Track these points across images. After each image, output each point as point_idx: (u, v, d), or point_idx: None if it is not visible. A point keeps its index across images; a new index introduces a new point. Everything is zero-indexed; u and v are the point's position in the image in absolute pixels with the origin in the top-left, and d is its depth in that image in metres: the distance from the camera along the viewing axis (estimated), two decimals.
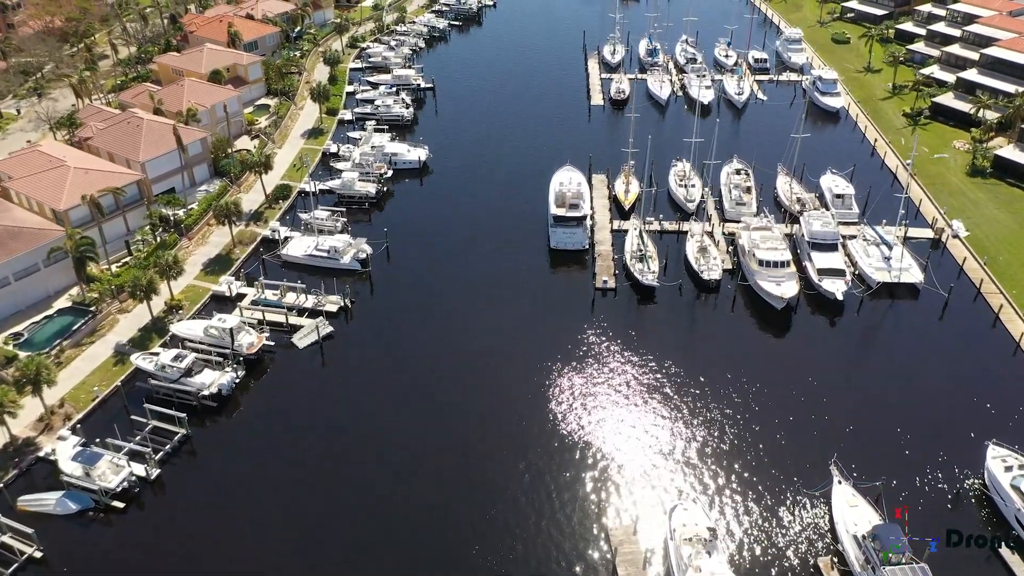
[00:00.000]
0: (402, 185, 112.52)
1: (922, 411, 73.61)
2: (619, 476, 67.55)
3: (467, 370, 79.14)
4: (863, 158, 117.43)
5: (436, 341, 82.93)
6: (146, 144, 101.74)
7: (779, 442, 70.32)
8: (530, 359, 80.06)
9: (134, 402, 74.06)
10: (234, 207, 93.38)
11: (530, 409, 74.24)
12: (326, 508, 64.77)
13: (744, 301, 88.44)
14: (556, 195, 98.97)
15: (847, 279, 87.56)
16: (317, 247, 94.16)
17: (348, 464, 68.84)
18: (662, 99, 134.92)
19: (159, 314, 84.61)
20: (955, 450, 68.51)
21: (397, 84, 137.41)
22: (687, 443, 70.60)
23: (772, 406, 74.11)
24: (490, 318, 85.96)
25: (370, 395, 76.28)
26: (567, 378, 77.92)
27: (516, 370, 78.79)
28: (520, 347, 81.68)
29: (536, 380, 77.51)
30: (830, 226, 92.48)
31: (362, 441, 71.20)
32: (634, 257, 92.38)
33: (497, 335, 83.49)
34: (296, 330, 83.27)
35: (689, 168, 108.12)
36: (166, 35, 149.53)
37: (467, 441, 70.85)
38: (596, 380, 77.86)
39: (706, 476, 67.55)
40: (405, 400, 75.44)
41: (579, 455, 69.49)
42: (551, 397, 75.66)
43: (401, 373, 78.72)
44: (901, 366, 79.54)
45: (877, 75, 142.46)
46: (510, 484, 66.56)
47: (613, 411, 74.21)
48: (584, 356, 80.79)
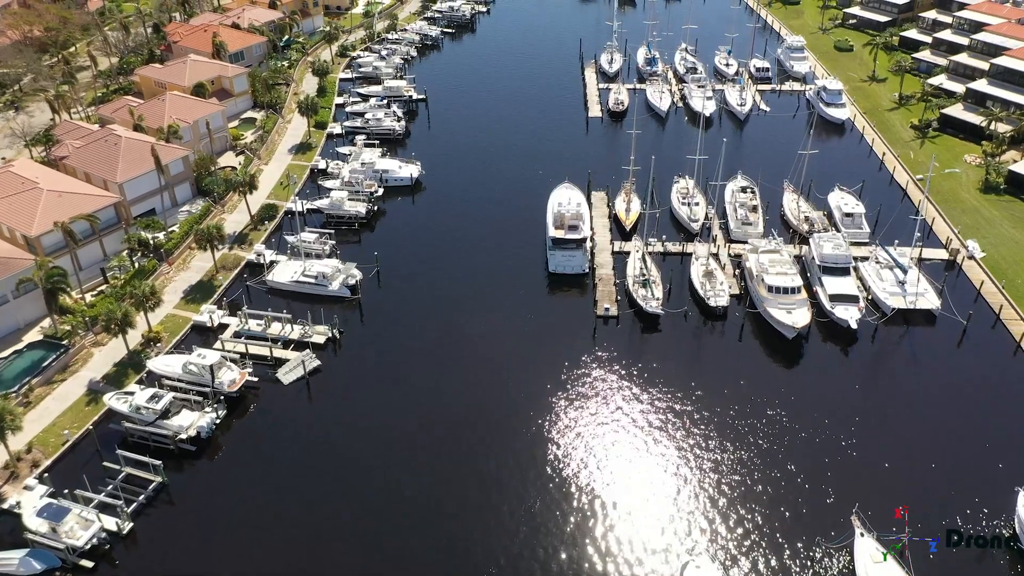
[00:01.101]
0: (393, 203, 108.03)
1: (945, 450, 69.55)
2: (624, 527, 63.17)
3: (461, 406, 74.69)
4: (871, 172, 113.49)
5: (429, 374, 78.52)
6: (124, 164, 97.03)
7: (795, 487, 66.07)
8: (528, 394, 75.75)
9: (107, 446, 69.43)
10: (216, 231, 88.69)
11: (528, 450, 69.90)
12: (311, 565, 60.28)
13: (753, 329, 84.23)
14: (554, 216, 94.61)
15: (861, 306, 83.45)
16: (304, 273, 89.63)
17: (335, 513, 64.33)
18: (662, 111, 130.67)
19: (136, 347, 79.95)
20: (982, 495, 64.38)
21: (388, 96, 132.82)
22: (696, 489, 66.27)
23: (785, 445, 69.93)
24: (486, 349, 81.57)
25: (359, 435, 71.79)
26: (567, 414, 73.57)
27: (513, 406, 74.44)
28: (518, 381, 77.31)
29: (534, 417, 73.16)
30: (841, 248, 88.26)
31: (350, 486, 66.68)
32: (636, 282, 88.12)
33: (493, 368, 79.14)
34: (281, 364, 78.73)
35: (692, 185, 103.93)
36: (149, 45, 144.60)
37: (461, 486, 66.46)
38: (598, 417, 73.56)
39: (718, 526, 63.25)
40: (396, 439, 71.04)
41: (580, 504, 65.07)
42: (550, 436, 71.31)
43: (391, 409, 74.29)
44: (920, 400, 75.40)
45: (882, 85, 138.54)
46: (503, 539, 62.14)
47: (616, 452, 69.89)
48: (585, 390, 76.48)
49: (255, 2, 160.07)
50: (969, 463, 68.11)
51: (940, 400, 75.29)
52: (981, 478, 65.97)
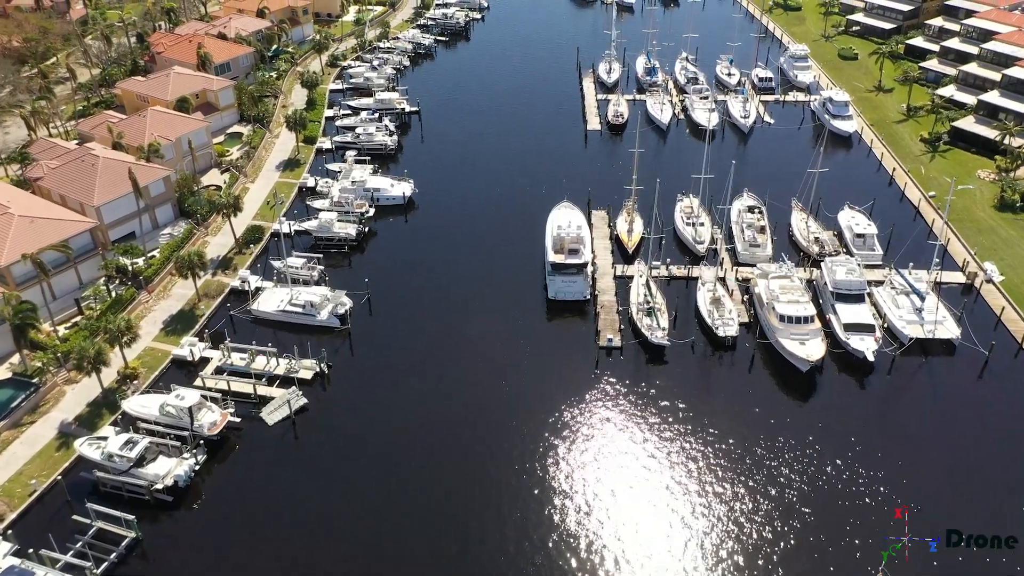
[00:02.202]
0: (385, 224, 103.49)
1: (973, 496, 65.33)
2: (632, 570, 59.04)
3: (458, 447, 70.31)
4: (881, 189, 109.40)
5: (422, 411, 74.11)
6: (102, 185, 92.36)
7: (813, 537, 61.80)
8: (528, 431, 71.49)
9: (78, 495, 64.87)
10: (198, 259, 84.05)
11: (528, 492, 65.69)
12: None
13: (763, 359, 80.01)
14: (554, 240, 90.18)
15: (877, 336, 79.28)
16: (291, 301, 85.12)
17: (323, 568, 59.84)
18: (663, 123, 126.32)
19: (112, 384, 75.39)
20: (1016, 551, 60.17)
21: (380, 108, 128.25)
22: (707, 538, 61.93)
23: (801, 489, 65.81)
24: (483, 383, 77.29)
25: (348, 480, 67.32)
26: (570, 455, 69.29)
27: (512, 445, 70.23)
28: (517, 417, 72.97)
29: (534, 456, 68.90)
30: (855, 274, 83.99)
31: (339, 538, 62.21)
32: (640, 310, 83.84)
33: (491, 404, 74.79)
34: (266, 402, 74.17)
35: (697, 204, 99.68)
36: (132, 55, 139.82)
37: (460, 533, 62.11)
38: (602, 457, 69.32)
39: (729, 570, 59.01)
40: (388, 484, 66.65)
41: (584, 555, 60.72)
42: (552, 477, 67.02)
43: (383, 451, 69.93)
44: (943, 438, 71.28)
45: (889, 95, 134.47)
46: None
47: (623, 496, 65.64)
48: (588, 429, 72.19)
49: (242, 11, 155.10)
50: (999, 509, 63.91)
51: (964, 436, 71.24)
52: (1015, 524, 61.70)
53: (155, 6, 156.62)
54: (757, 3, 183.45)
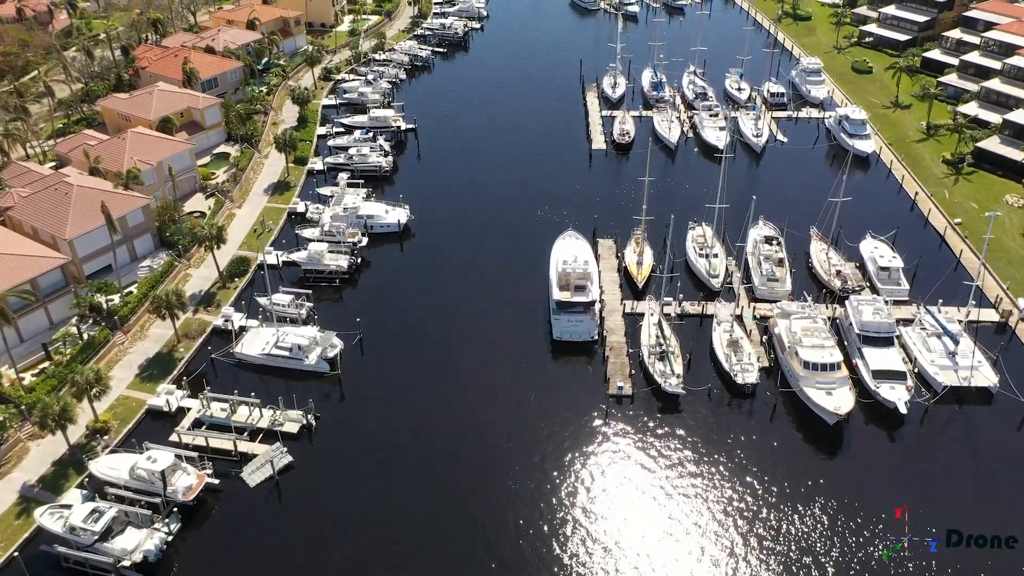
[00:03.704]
0: (379, 254, 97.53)
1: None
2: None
3: (457, 515, 64.39)
4: (902, 213, 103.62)
5: (417, 471, 68.22)
6: (76, 216, 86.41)
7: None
8: (532, 495, 65.64)
9: (38, 573, 58.89)
10: (176, 298, 78.04)
11: (533, 559, 59.82)
12: None
13: (785, 408, 74.18)
14: (559, 276, 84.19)
15: (909, 384, 73.36)
16: (278, 344, 79.21)
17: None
18: (671, 143, 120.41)
19: (80, 439, 69.45)
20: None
21: (374, 127, 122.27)
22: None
23: (825, 551, 60.10)
24: (483, 435, 71.52)
25: (337, 549, 61.43)
26: (576, 515, 63.51)
27: (514, 507, 64.60)
28: (520, 481, 67.09)
29: (538, 515, 63.24)
30: (883, 314, 78.05)
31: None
32: (653, 354, 77.98)
33: (492, 463, 68.89)
34: (247, 460, 68.22)
35: (710, 234, 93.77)
36: (117, 69, 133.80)
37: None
38: (611, 518, 63.75)
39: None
40: (381, 551, 60.79)
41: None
42: (557, 542, 61.14)
43: (374, 516, 64.11)
44: (984, 500, 65.21)
45: (907, 112, 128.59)
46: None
47: (635, 558, 59.70)
48: (597, 487, 66.58)
49: (232, 22, 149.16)
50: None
51: (1008, 499, 65.24)
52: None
53: (141, 16, 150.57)
54: (766, 13, 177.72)
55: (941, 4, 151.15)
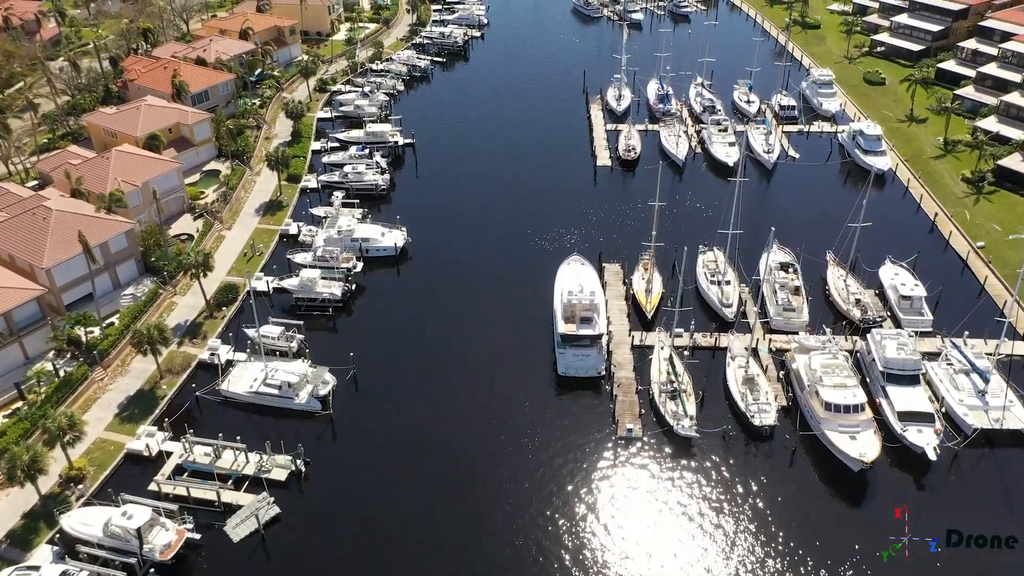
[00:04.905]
0: (375, 279, 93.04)
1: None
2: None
3: (456, 559, 59.93)
4: (921, 235, 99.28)
5: (413, 520, 63.76)
6: (54, 243, 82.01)
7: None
8: (536, 548, 61.07)
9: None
10: (158, 333, 73.59)
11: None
12: None
13: (806, 452, 69.71)
14: (564, 307, 79.70)
15: (938, 427, 68.86)
16: (266, 380, 74.77)
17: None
18: (679, 159, 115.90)
19: (53, 489, 65.03)
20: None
21: (371, 142, 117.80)
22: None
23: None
24: (484, 480, 66.96)
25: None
26: (585, 569, 59.15)
27: (516, 564, 59.79)
28: (524, 534, 62.59)
29: (545, 571, 58.77)
30: (908, 349, 73.49)
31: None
32: (664, 392, 73.54)
33: (494, 512, 64.39)
34: (231, 512, 63.75)
35: (722, 259, 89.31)
36: (105, 80, 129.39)
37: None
38: (621, 574, 59.27)
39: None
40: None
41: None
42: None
43: (369, 571, 59.56)
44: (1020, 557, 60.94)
45: (923, 126, 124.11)
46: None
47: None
48: (605, 539, 61.99)
49: (225, 31, 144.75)
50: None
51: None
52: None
53: (132, 25, 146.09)
54: (773, 20, 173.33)
55: (955, 13, 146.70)
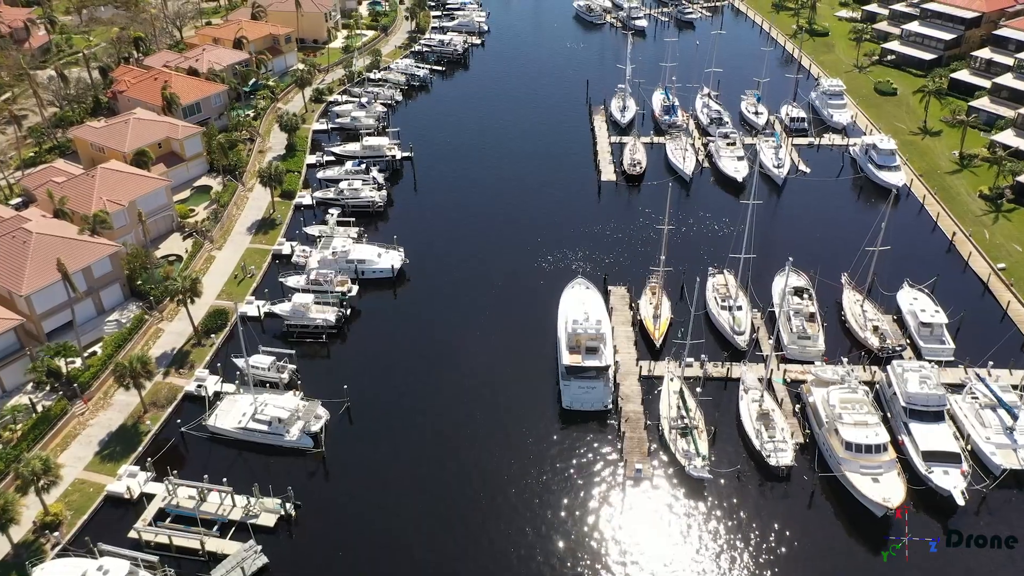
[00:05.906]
0: (371, 303, 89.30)
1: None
2: None
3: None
4: (939, 256, 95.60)
5: (413, 567, 60.04)
6: (34, 268, 78.23)
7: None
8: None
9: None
10: (141, 366, 69.81)
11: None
12: None
13: (825, 494, 65.95)
14: (568, 336, 75.85)
15: (964, 468, 65.06)
16: (256, 415, 70.99)
17: None
18: (686, 174, 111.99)
19: (27, 536, 61.27)
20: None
21: (367, 156, 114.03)
22: None
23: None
24: (485, 531, 63.09)
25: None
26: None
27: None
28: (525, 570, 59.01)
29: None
30: (931, 383, 69.71)
31: None
32: (674, 428, 69.75)
33: (496, 560, 60.59)
34: (216, 561, 59.96)
35: (733, 283, 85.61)
36: (94, 91, 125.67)
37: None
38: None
39: None
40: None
41: None
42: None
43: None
44: None
45: (937, 139, 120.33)
46: None
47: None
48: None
49: (218, 40, 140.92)
50: None
51: None
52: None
53: (123, 33, 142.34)
54: (780, 28, 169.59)
55: (968, 21, 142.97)
